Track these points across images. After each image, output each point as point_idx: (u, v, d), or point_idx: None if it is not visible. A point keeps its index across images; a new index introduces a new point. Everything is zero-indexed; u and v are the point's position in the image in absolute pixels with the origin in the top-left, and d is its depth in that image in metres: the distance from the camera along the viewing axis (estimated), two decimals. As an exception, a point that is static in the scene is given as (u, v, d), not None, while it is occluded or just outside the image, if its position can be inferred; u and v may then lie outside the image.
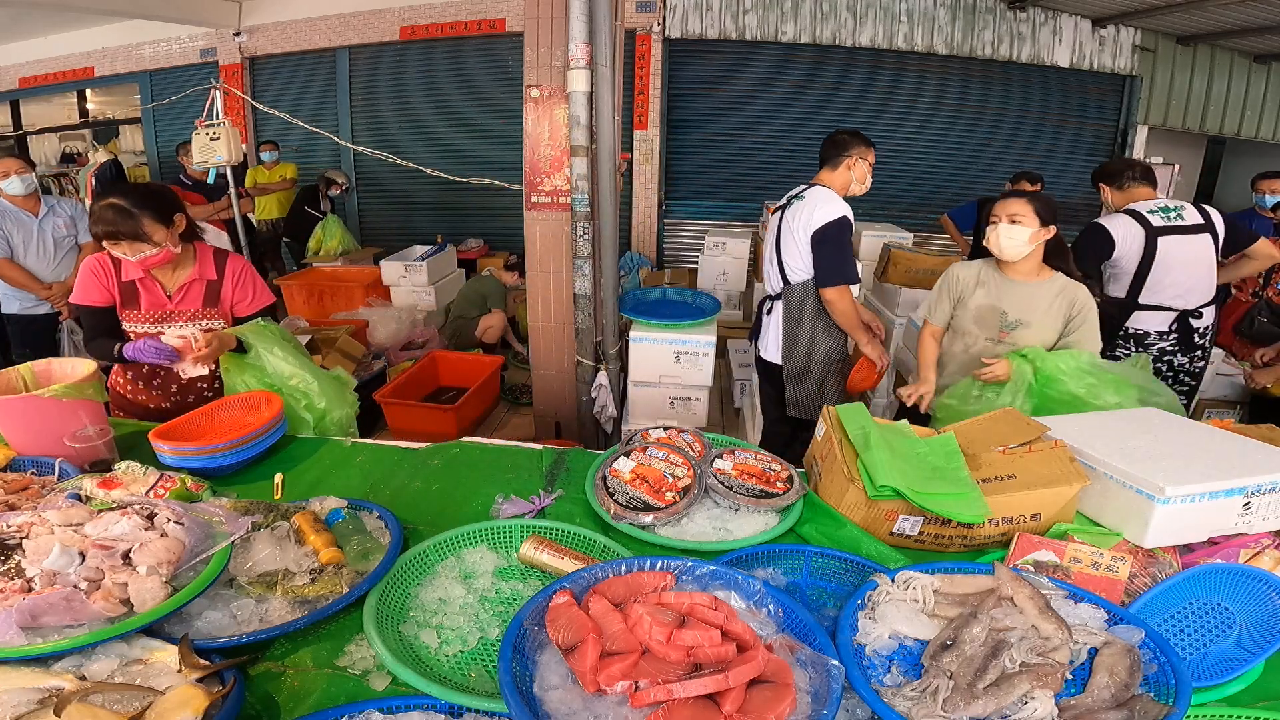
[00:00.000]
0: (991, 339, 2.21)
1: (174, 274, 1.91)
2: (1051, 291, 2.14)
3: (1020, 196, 2.05)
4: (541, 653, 0.90)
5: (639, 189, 6.61)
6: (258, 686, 0.97)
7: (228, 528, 1.15)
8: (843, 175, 2.51)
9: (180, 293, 1.91)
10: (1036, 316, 2.14)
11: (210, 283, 1.94)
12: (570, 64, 2.56)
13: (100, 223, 1.73)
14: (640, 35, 6.18)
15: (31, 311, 3.34)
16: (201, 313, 1.93)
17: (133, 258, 1.77)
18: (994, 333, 2.20)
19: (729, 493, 1.39)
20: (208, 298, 1.93)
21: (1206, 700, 0.98)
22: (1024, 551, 1.21)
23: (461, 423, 3.47)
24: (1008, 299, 2.18)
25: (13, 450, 1.53)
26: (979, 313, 2.23)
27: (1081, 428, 1.46)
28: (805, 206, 2.48)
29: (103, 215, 1.73)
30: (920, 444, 1.40)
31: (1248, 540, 1.25)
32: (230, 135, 3.92)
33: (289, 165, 6.43)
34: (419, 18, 6.58)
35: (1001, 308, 2.18)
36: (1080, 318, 2.12)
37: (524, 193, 2.96)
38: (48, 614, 0.92)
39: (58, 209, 3.35)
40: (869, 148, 2.53)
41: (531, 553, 1.21)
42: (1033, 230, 2.05)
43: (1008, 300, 2.17)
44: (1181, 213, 2.63)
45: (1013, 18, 6.16)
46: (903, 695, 0.90)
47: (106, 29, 7.24)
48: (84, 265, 1.87)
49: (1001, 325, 2.19)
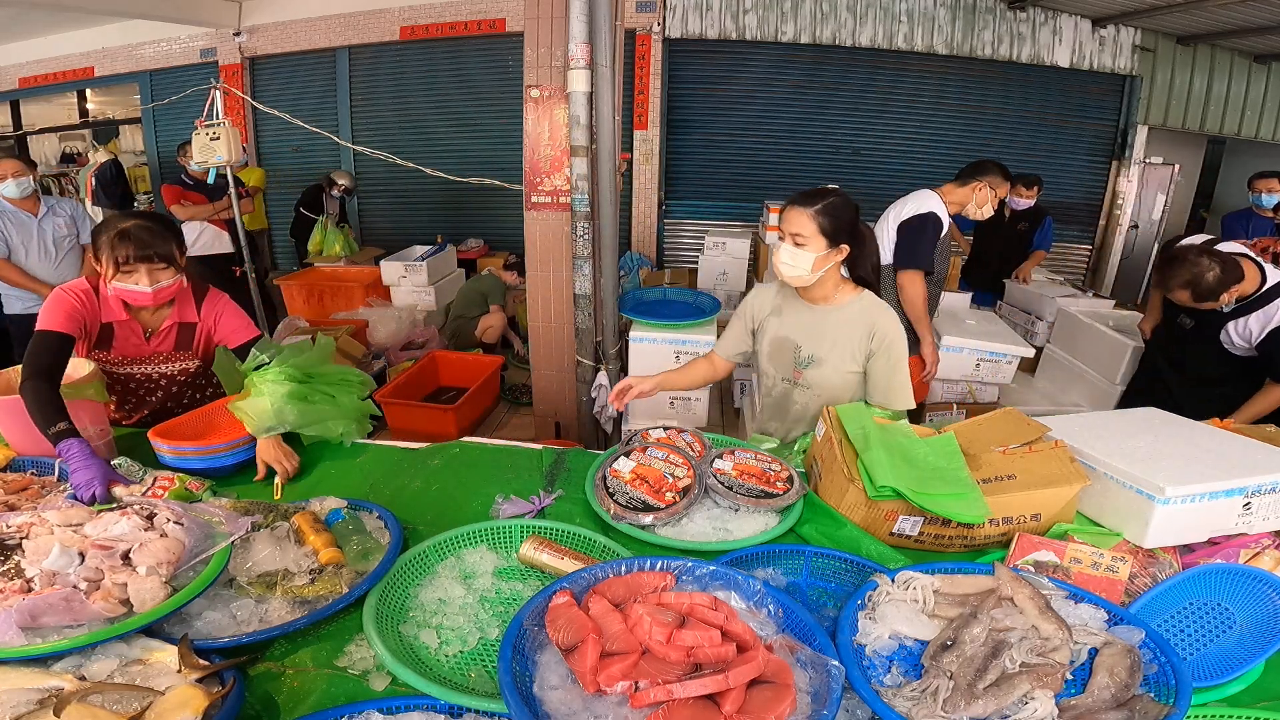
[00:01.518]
0: (788, 380, 1.81)
1: (155, 314, 1.79)
2: (847, 317, 1.72)
3: (807, 208, 1.62)
4: (541, 653, 0.90)
5: (639, 189, 6.61)
6: (257, 687, 0.96)
7: (228, 528, 1.15)
8: (964, 193, 2.69)
9: (159, 336, 1.80)
10: (826, 349, 1.73)
11: (184, 325, 1.83)
12: (570, 64, 2.56)
13: (127, 243, 1.60)
14: (640, 35, 6.18)
15: (34, 311, 3.34)
16: (173, 355, 1.84)
17: (149, 288, 1.64)
18: (789, 372, 1.80)
19: (729, 493, 1.39)
20: (180, 341, 1.83)
21: (1206, 700, 0.97)
22: (1024, 552, 1.21)
23: (461, 423, 3.47)
24: (800, 329, 1.77)
25: (13, 450, 1.53)
26: (772, 347, 1.83)
27: (1082, 428, 1.46)
28: (905, 200, 2.69)
29: (130, 235, 1.60)
30: (920, 444, 1.40)
31: (1248, 540, 1.25)
32: (230, 135, 3.92)
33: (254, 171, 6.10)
34: (419, 18, 6.58)
35: (795, 340, 1.78)
36: (883, 351, 1.69)
37: (524, 193, 2.96)
38: (47, 614, 0.92)
39: (57, 209, 3.35)
40: (1005, 182, 2.67)
41: (531, 553, 1.21)
42: (817, 255, 1.63)
43: (800, 330, 1.77)
44: None
45: (1013, 18, 6.16)
46: (903, 695, 0.90)
47: (106, 29, 7.24)
48: (62, 293, 1.67)
49: (795, 363, 1.78)
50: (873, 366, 1.72)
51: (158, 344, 1.81)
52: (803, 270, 1.65)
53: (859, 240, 1.69)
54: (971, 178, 2.69)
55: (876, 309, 1.71)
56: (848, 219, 1.64)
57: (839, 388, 1.75)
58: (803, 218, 1.62)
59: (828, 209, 1.61)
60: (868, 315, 1.70)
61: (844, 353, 1.72)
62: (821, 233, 1.62)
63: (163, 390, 1.87)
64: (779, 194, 5.67)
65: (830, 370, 1.74)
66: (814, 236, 1.62)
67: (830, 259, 1.66)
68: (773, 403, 1.88)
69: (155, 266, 1.64)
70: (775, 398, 1.86)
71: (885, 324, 1.69)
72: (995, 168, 2.68)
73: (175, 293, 1.73)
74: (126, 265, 1.61)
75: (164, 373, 1.84)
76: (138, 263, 1.61)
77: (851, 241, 1.66)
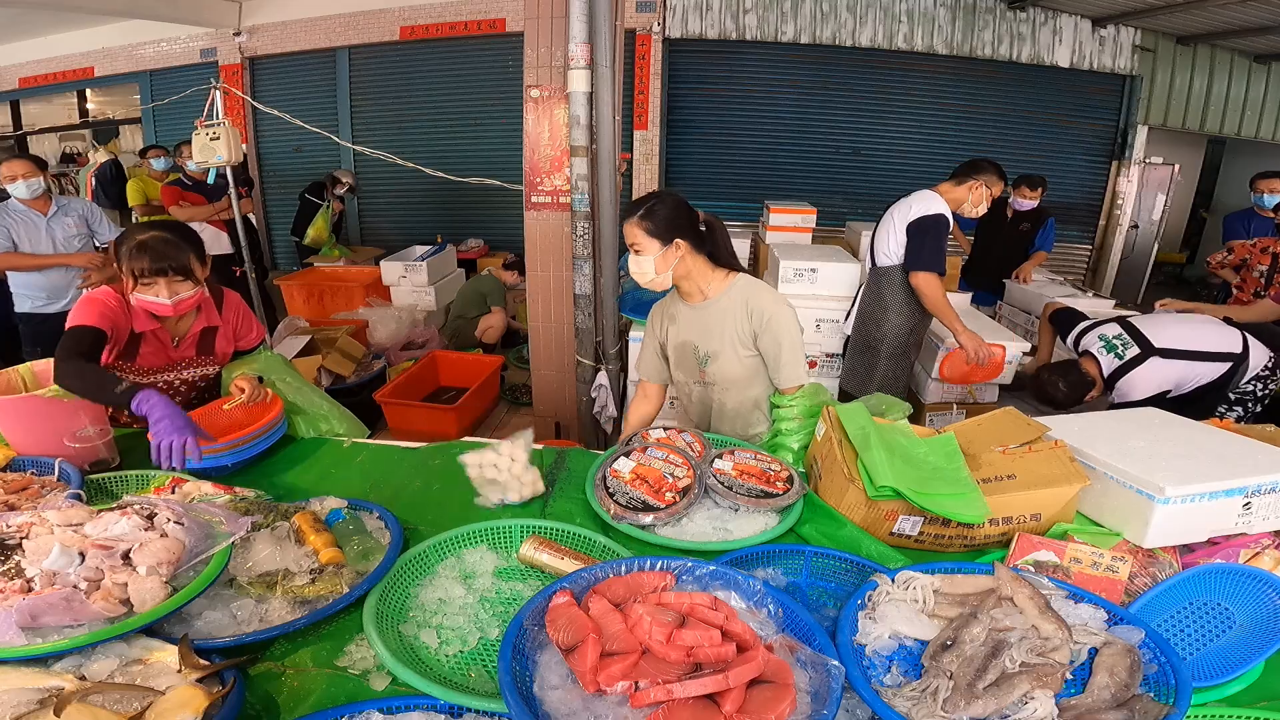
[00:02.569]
0: (697, 382, 1.85)
1: (181, 321, 1.79)
2: (726, 305, 1.74)
3: (632, 217, 1.69)
4: (541, 653, 0.90)
5: (639, 189, 6.61)
6: (258, 686, 0.96)
7: (228, 528, 1.15)
8: (960, 192, 2.72)
9: (186, 342, 1.81)
10: (718, 342, 1.75)
11: (208, 330, 1.84)
12: (570, 64, 2.56)
13: (145, 256, 1.58)
14: (640, 35, 6.19)
15: (43, 310, 3.33)
16: (196, 361, 1.84)
17: (169, 300, 1.63)
18: (695, 374, 1.83)
19: (729, 493, 1.39)
20: (203, 345, 1.84)
21: (1206, 700, 0.97)
22: (1024, 551, 1.21)
23: (461, 423, 3.47)
24: (693, 330, 1.80)
25: (13, 450, 1.53)
26: (677, 355, 1.86)
27: (1082, 428, 1.46)
28: (908, 201, 2.74)
29: (147, 248, 1.59)
30: (920, 444, 1.40)
31: (1248, 540, 1.25)
32: (230, 135, 3.92)
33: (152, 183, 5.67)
34: (419, 18, 6.58)
35: (693, 342, 1.80)
36: (765, 329, 1.70)
37: (524, 193, 2.96)
38: (48, 614, 0.92)
39: (68, 208, 3.32)
40: (1000, 181, 2.70)
41: (531, 553, 1.21)
42: (655, 257, 1.68)
43: (694, 331, 1.80)
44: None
45: (1013, 18, 6.16)
46: (903, 695, 0.90)
47: (106, 29, 7.24)
48: (96, 297, 1.65)
49: (697, 364, 1.81)
50: (761, 346, 1.75)
51: (184, 350, 1.82)
52: (650, 273, 1.70)
53: (701, 231, 1.73)
54: (968, 176, 2.72)
55: (749, 289, 1.73)
56: (671, 216, 1.68)
57: (740, 376, 1.78)
58: (631, 227, 1.69)
59: (648, 213, 1.67)
60: (742, 297, 1.73)
61: (733, 340, 1.74)
62: (650, 235, 1.67)
63: (180, 396, 1.87)
64: (779, 194, 5.69)
65: (725, 362, 1.77)
66: (645, 241, 1.68)
67: (670, 256, 1.69)
68: (696, 411, 1.91)
69: (173, 279, 1.63)
70: (694, 403, 1.90)
71: (759, 301, 1.71)
72: (991, 166, 2.71)
73: (196, 303, 1.72)
74: (144, 278, 1.61)
75: (184, 379, 1.84)
76: (155, 276, 1.61)
77: (688, 234, 1.70)
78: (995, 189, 2.71)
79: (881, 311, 2.86)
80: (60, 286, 3.31)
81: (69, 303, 3.32)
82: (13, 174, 3.12)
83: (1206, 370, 2.47)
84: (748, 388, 1.79)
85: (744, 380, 1.78)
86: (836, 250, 3.58)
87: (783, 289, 3.23)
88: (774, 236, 4.73)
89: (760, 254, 5.06)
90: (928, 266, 2.67)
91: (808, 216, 4.78)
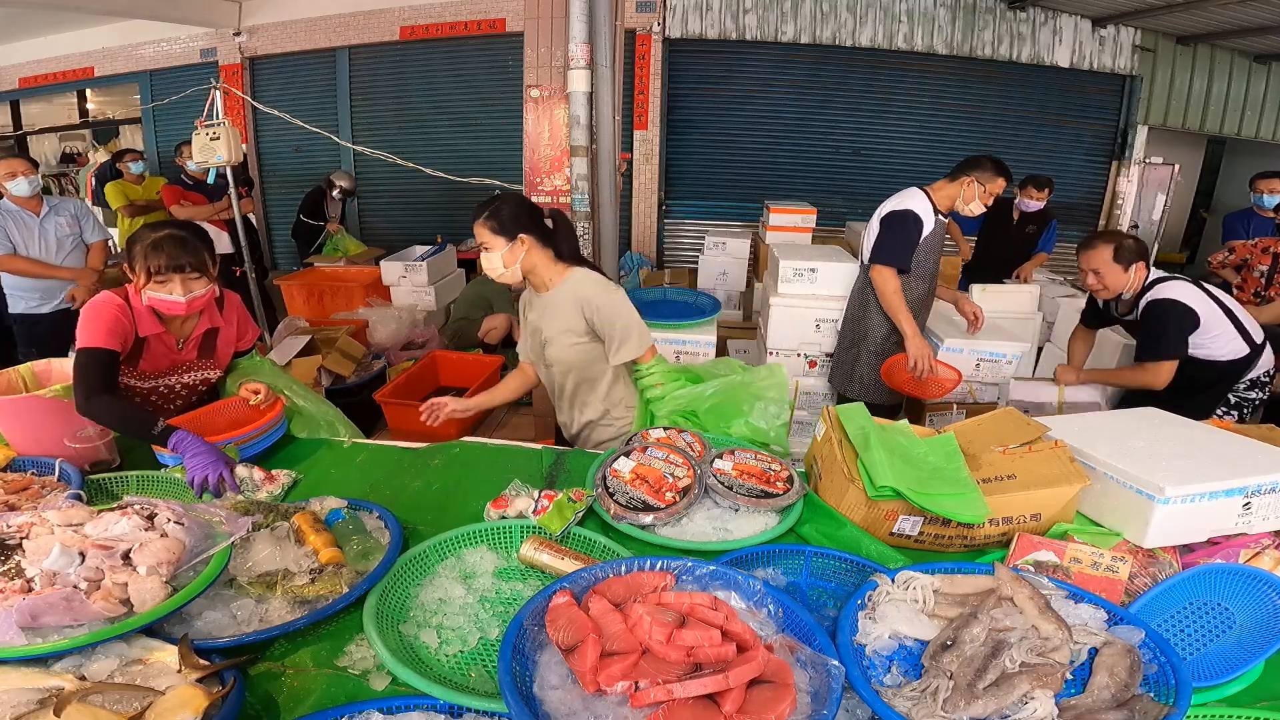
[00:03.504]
0: (545, 364, 1.97)
1: (186, 323, 1.78)
2: (561, 296, 1.86)
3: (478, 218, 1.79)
4: (541, 653, 0.90)
5: (639, 189, 6.60)
6: (258, 686, 0.96)
7: (228, 528, 1.15)
8: (954, 189, 2.66)
9: (190, 344, 1.81)
10: (552, 329, 1.88)
11: (209, 331, 1.83)
12: (570, 64, 2.56)
13: (161, 253, 1.59)
14: (640, 35, 6.18)
15: (36, 311, 3.34)
16: (197, 364, 1.83)
17: (183, 297, 1.63)
18: (542, 357, 1.96)
19: (729, 493, 1.39)
20: (205, 348, 1.84)
21: (1206, 700, 0.97)
22: (1024, 551, 1.21)
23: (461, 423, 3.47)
24: (541, 317, 1.92)
25: (13, 450, 1.53)
26: (531, 340, 1.99)
27: (1082, 428, 1.46)
28: (892, 198, 2.71)
29: (163, 245, 1.60)
30: (920, 444, 1.40)
31: (1248, 540, 1.25)
32: (230, 135, 3.92)
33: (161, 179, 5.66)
34: (419, 18, 6.58)
35: (540, 327, 1.92)
36: (595, 315, 1.82)
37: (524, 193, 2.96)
38: (48, 614, 0.92)
39: (60, 208, 3.35)
40: (997, 177, 2.60)
41: (531, 553, 1.21)
42: (502, 253, 1.78)
43: (540, 318, 1.92)
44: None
45: (1013, 18, 6.16)
46: (903, 695, 0.90)
47: (106, 29, 7.23)
48: (103, 306, 1.63)
49: (542, 347, 1.93)
50: (598, 331, 1.86)
51: (187, 353, 1.82)
52: (500, 267, 1.81)
53: (547, 227, 1.85)
54: (961, 173, 2.65)
55: (580, 282, 1.85)
56: (514, 214, 1.79)
57: (570, 361, 1.91)
58: (478, 228, 1.79)
59: (492, 213, 1.78)
60: (574, 290, 1.85)
61: (564, 327, 1.86)
62: (495, 233, 1.78)
63: (181, 399, 1.87)
64: (779, 194, 5.68)
65: (558, 347, 1.89)
66: (491, 238, 1.78)
67: (516, 251, 1.80)
68: (552, 391, 2.03)
69: (189, 276, 1.63)
70: (546, 384, 2.04)
71: (586, 291, 1.84)
72: (988, 163, 2.63)
73: (208, 301, 1.73)
74: (160, 275, 1.61)
75: (185, 383, 1.83)
76: (171, 273, 1.60)
77: (533, 230, 1.81)
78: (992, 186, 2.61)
79: (864, 308, 2.84)
80: (53, 287, 3.35)
81: (61, 302, 3.36)
82: (12, 171, 3.15)
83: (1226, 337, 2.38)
84: (583, 370, 1.92)
85: (578, 364, 1.91)
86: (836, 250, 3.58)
87: (783, 289, 3.23)
88: (774, 236, 4.72)
89: (760, 254, 5.06)
90: (887, 260, 2.63)
91: (808, 216, 4.77)
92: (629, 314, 1.85)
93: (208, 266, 1.67)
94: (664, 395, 1.87)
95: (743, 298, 5.14)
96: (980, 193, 2.62)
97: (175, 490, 1.49)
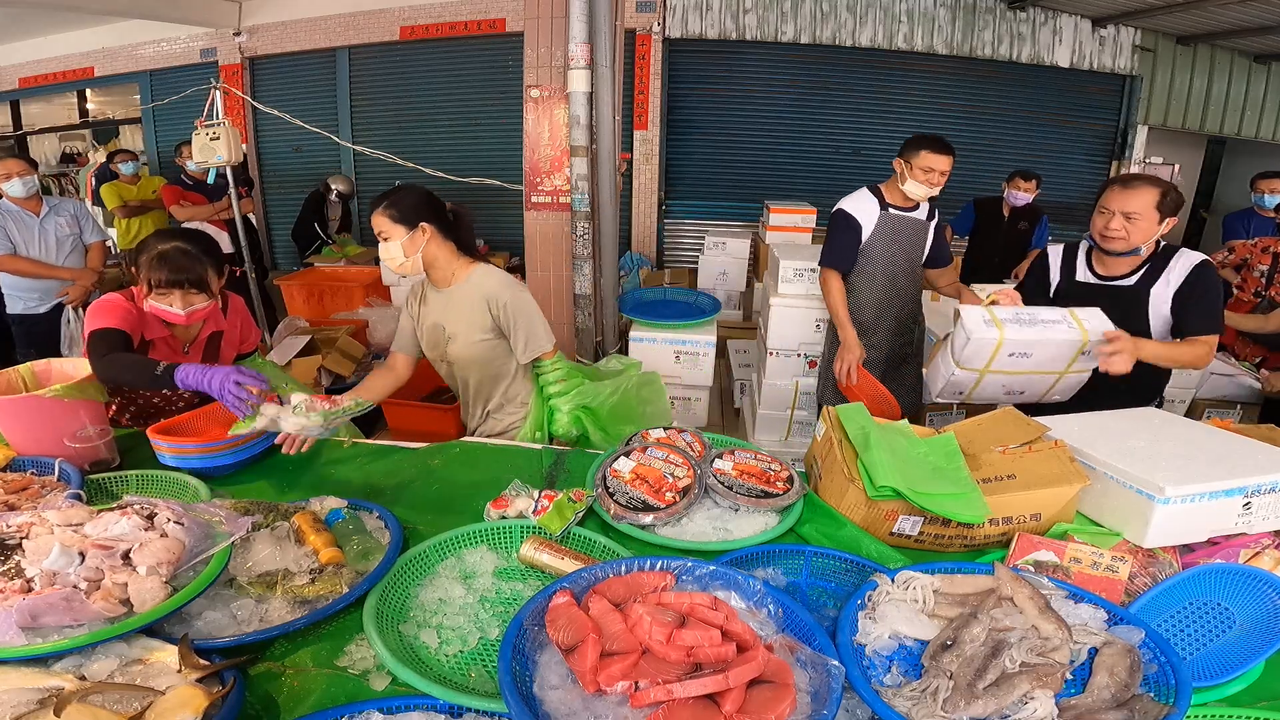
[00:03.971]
0: (444, 360, 1.97)
1: (189, 328, 1.80)
2: (467, 291, 1.86)
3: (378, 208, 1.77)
4: (541, 653, 0.90)
5: (639, 189, 6.60)
6: (258, 686, 0.96)
7: (228, 528, 1.15)
8: (894, 179, 2.62)
9: (195, 348, 1.83)
10: (456, 325, 1.87)
11: (213, 335, 1.85)
12: (570, 64, 2.56)
13: (163, 267, 1.61)
14: (640, 35, 6.18)
15: (34, 311, 3.35)
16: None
17: (182, 310, 1.65)
18: (443, 352, 1.94)
19: (729, 493, 1.39)
20: (209, 352, 1.86)
21: (1206, 700, 0.97)
22: (1024, 551, 1.21)
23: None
24: (441, 312, 1.90)
25: (13, 450, 1.53)
26: (428, 335, 1.95)
27: (1082, 428, 1.46)
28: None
29: (166, 260, 1.61)
30: (920, 444, 1.40)
31: (1248, 540, 1.25)
32: (230, 135, 3.92)
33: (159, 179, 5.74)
34: (419, 18, 6.58)
35: (440, 323, 1.90)
36: (501, 312, 1.83)
37: (524, 193, 2.96)
38: (48, 614, 0.92)
39: (60, 208, 3.36)
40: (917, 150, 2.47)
41: (531, 553, 1.21)
42: (402, 241, 1.76)
43: (441, 313, 1.90)
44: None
45: (1013, 18, 6.16)
46: (903, 695, 0.90)
47: (106, 29, 7.23)
48: (105, 302, 1.69)
49: (443, 343, 1.92)
50: (503, 328, 1.87)
51: (191, 356, 1.83)
52: (400, 257, 1.78)
53: (449, 219, 1.84)
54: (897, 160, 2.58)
55: (486, 279, 1.86)
56: (415, 203, 1.78)
57: (474, 358, 1.90)
58: (378, 217, 1.77)
59: (393, 203, 1.77)
60: (481, 287, 1.85)
61: (470, 324, 1.86)
62: (395, 221, 1.76)
63: (184, 401, 1.88)
64: (779, 194, 5.68)
65: (462, 344, 1.88)
66: (391, 227, 1.76)
67: (417, 240, 1.78)
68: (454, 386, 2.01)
69: (189, 291, 1.65)
70: (448, 379, 2.01)
71: (493, 289, 1.84)
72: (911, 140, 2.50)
73: (209, 314, 1.74)
74: (161, 288, 1.63)
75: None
76: (172, 288, 1.63)
77: (434, 220, 1.80)
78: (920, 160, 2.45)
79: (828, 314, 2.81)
80: (52, 288, 3.36)
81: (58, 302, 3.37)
82: (7, 172, 3.15)
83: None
84: (486, 367, 1.93)
85: (480, 361, 1.91)
86: (836, 250, 3.57)
87: (783, 289, 3.23)
88: (774, 236, 4.72)
89: (760, 254, 5.07)
90: (824, 261, 2.63)
91: (808, 216, 4.78)
92: (535, 312, 1.88)
93: (210, 283, 1.69)
94: (567, 391, 1.92)
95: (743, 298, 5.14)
96: (910, 170, 2.50)
97: (175, 490, 1.49)
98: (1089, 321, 1.80)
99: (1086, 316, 1.83)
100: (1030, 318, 1.81)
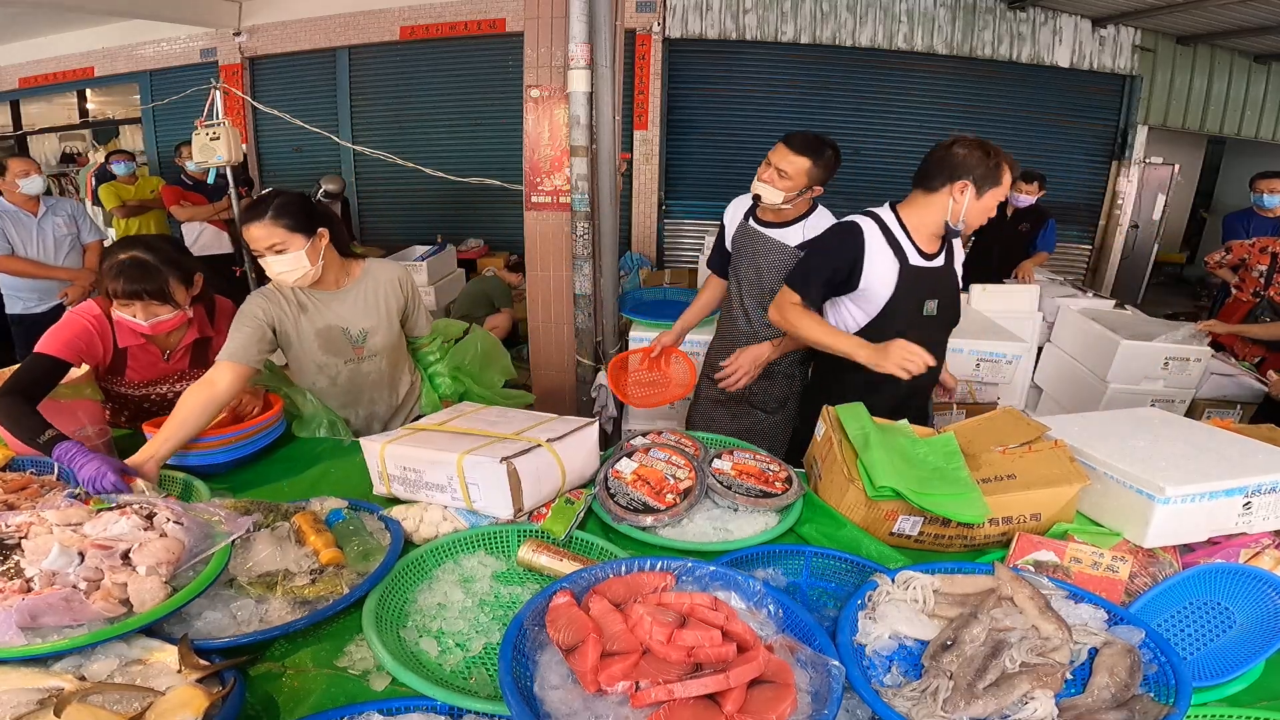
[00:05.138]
0: (350, 360, 1.90)
1: (169, 336, 1.76)
2: (375, 283, 1.87)
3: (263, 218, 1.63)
4: (542, 653, 0.90)
5: (639, 189, 6.60)
6: (258, 687, 0.96)
7: (228, 528, 1.15)
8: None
9: (178, 354, 1.80)
10: (374, 318, 1.88)
11: (201, 341, 1.82)
12: (570, 64, 2.56)
13: (119, 278, 1.54)
14: (640, 35, 6.18)
15: (33, 311, 3.35)
16: (190, 374, 1.83)
17: (145, 321, 1.59)
18: (350, 353, 1.90)
19: (728, 492, 1.39)
20: (196, 358, 1.83)
21: (1207, 700, 0.97)
22: (1024, 551, 1.21)
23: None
24: (341, 315, 1.84)
25: (12, 450, 1.53)
26: (323, 339, 1.85)
27: (1082, 427, 1.46)
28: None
29: (123, 270, 1.54)
30: (920, 444, 1.40)
31: (1248, 540, 1.25)
32: (230, 135, 3.92)
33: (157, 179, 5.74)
34: (419, 18, 6.57)
35: (340, 325, 1.85)
36: (411, 297, 1.96)
37: (524, 193, 2.96)
38: (47, 614, 0.92)
39: (57, 208, 3.37)
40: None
41: (530, 556, 1.21)
42: (305, 249, 1.67)
43: (342, 315, 1.84)
44: None
45: (1013, 18, 6.16)
46: (903, 695, 0.90)
47: (106, 29, 7.23)
48: (76, 318, 1.63)
49: (352, 343, 1.88)
50: (407, 309, 1.98)
51: (176, 362, 1.81)
52: (306, 265, 1.68)
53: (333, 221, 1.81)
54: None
55: (383, 267, 1.93)
56: (305, 208, 1.71)
57: (393, 343, 1.96)
58: (267, 228, 1.63)
59: (283, 210, 1.65)
60: (385, 275, 1.91)
61: (388, 311, 1.91)
62: (293, 230, 1.65)
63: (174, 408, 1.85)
64: (779, 194, 5.67)
65: (383, 334, 1.91)
66: (289, 236, 1.65)
67: (319, 245, 1.72)
68: (342, 389, 1.94)
69: (149, 303, 1.59)
70: (343, 384, 1.93)
71: (393, 272, 1.93)
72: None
73: (176, 325, 1.68)
74: (120, 299, 1.58)
75: (177, 391, 1.82)
76: (130, 299, 1.57)
77: (326, 224, 1.76)
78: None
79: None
80: (50, 288, 3.38)
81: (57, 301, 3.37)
82: (25, 169, 3.20)
83: None
84: (398, 349, 2.00)
85: (395, 346, 1.98)
86: (836, 250, 3.56)
87: (783, 289, 3.22)
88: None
89: (760, 254, 5.05)
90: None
91: (808, 216, 4.76)
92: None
93: (171, 294, 1.60)
94: (443, 358, 2.11)
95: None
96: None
97: (174, 490, 1.49)
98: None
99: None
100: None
